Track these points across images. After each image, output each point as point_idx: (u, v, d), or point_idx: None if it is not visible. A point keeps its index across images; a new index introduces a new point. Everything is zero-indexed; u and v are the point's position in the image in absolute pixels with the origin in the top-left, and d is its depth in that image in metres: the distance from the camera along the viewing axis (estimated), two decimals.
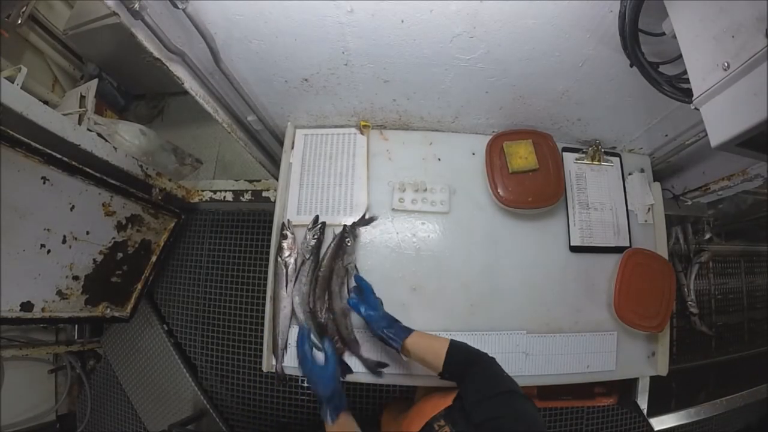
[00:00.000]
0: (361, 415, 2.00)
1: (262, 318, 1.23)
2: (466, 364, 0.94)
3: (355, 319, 1.21)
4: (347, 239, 1.25)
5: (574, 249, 1.32)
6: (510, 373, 1.19)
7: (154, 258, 1.91)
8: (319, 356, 1.04)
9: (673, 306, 1.26)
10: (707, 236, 2.11)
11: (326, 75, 1.16)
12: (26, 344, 1.94)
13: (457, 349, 0.96)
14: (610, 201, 1.39)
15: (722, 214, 1.95)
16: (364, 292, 1.12)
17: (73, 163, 1.38)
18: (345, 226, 1.27)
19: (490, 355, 0.96)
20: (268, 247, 1.27)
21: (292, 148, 1.40)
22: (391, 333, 1.02)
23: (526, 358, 1.23)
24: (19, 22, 1.87)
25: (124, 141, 1.77)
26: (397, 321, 1.05)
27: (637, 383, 1.73)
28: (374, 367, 1.18)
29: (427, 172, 1.37)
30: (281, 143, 1.46)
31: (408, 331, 1.02)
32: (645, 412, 1.91)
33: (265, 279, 1.32)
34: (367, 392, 2.01)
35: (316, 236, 1.24)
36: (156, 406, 2.14)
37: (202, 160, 2.26)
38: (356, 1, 0.89)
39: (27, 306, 1.41)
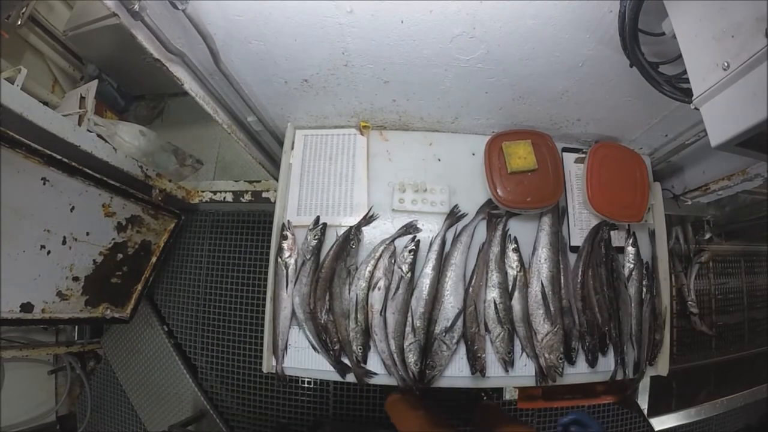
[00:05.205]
0: (360, 416, 2.00)
1: (262, 319, 1.23)
2: None
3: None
4: (352, 242, 1.25)
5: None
6: (513, 373, 1.20)
7: (154, 259, 1.91)
8: None
9: (649, 198, 1.26)
10: (707, 236, 2.11)
11: (326, 75, 1.16)
12: (26, 345, 1.94)
13: None
14: None
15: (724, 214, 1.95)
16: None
17: (73, 164, 1.38)
18: (350, 228, 1.27)
19: None
20: (268, 247, 1.27)
21: (292, 148, 1.40)
22: None
23: (528, 359, 1.23)
24: (19, 23, 1.87)
25: (124, 142, 1.78)
26: None
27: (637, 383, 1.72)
28: (362, 374, 1.19)
29: (427, 173, 1.37)
30: (281, 144, 1.46)
31: None
32: (645, 412, 1.91)
33: (265, 280, 1.32)
34: (367, 392, 2.01)
35: (317, 237, 1.24)
36: (156, 406, 2.14)
37: (203, 161, 2.26)
38: (356, 2, 0.89)
39: (27, 307, 1.41)
